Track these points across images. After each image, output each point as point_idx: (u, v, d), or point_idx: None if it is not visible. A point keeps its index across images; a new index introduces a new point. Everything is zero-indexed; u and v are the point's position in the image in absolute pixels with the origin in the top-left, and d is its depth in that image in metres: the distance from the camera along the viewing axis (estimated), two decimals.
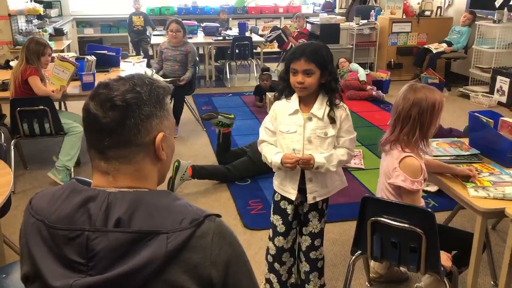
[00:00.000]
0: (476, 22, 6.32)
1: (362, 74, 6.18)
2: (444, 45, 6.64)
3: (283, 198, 2.12)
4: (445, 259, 1.92)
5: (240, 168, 3.73)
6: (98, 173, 0.97)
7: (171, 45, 4.87)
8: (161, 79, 4.16)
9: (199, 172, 3.59)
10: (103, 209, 0.90)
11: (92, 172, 0.99)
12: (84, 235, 0.89)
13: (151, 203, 0.93)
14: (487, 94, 5.92)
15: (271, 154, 2.02)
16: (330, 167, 1.97)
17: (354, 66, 6.38)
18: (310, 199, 2.05)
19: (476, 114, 2.50)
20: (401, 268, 2.31)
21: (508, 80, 5.56)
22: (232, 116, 3.95)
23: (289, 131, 2.00)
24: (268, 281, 2.26)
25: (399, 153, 1.96)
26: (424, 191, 2.67)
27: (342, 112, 2.01)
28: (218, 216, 0.96)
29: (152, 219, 0.90)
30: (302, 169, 2.01)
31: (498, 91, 5.72)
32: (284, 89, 2.06)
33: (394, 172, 1.95)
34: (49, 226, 0.92)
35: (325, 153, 1.97)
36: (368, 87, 6.14)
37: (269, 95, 5.53)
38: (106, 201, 0.91)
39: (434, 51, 6.60)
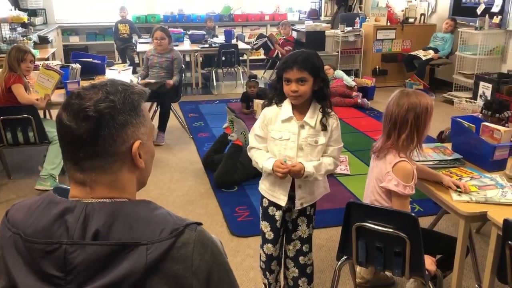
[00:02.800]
0: (458, 29, 6.43)
1: (348, 80, 6.23)
2: (431, 52, 6.71)
3: (271, 204, 2.13)
4: (430, 263, 1.94)
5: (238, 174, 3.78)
6: (75, 184, 0.95)
7: (157, 52, 4.88)
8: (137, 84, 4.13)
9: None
10: (80, 221, 0.88)
11: (69, 183, 0.97)
12: (62, 248, 0.87)
13: (130, 213, 0.90)
14: (470, 100, 6.01)
15: (263, 159, 2.03)
16: (318, 176, 2.01)
17: (339, 73, 6.44)
18: (298, 205, 2.07)
19: (458, 119, 2.54)
20: (387, 273, 2.33)
21: (490, 85, 5.65)
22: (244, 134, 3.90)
23: (282, 138, 2.01)
24: (265, 286, 2.28)
25: (393, 158, 1.98)
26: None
27: (334, 121, 2.04)
28: (199, 224, 0.94)
29: (131, 230, 0.88)
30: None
31: (481, 96, 5.81)
32: (273, 97, 2.08)
33: (387, 176, 1.97)
34: (26, 239, 0.90)
35: (314, 162, 1.99)
36: (354, 93, 6.19)
37: (257, 101, 5.56)
38: (83, 213, 0.89)
39: (424, 58, 6.65)
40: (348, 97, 6.17)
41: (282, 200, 2.07)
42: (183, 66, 5.14)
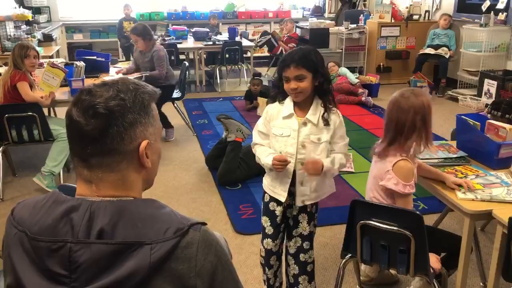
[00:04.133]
0: (463, 26, 6.40)
1: (351, 77, 6.22)
2: (446, 49, 6.65)
3: (272, 199, 2.13)
4: (434, 261, 1.94)
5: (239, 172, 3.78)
6: (81, 181, 0.95)
7: (140, 52, 4.74)
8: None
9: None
10: (85, 219, 0.88)
11: (76, 180, 0.97)
12: (67, 246, 0.87)
13: (135, 212, 0.91)
14: (475, 97, 5.98)
15: (264, 155, 2.04)
16: (335, 170, 2.03)
17: (343, 70, 6.42)
18: (298, 202, 2.07)
19: (463, 117, 2.53)
20: (392, 271, 2.33)
21: (495, 83, 5.63)
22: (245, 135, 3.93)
23: (283, 135, 2.02)
24: (264, 282, 2.29)
25: (393, 157, 1.97)
26: None
27: (337, 118, 2.04)
28: (204, 224, 0.94)
29: (135, 229, 0.88)
30: (294, 171, 2.02)
31: (485, 94, 5.78)
32: (276, 95, 2.09)
33: (387, 175, 1.96)
34: (31, 237, 0.90)
35: (329, 157, 2.01)
36: (360, 90, 6.17)
37: (260, 99, 5.55)
38: (88, 211, 0.89)
39: (447, 56, 6.57)
40: (353, 95, 6.15)
41: (282, 196, 2.07)
42: (187, 63, 5.10)
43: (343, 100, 6.06)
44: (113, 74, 4.72)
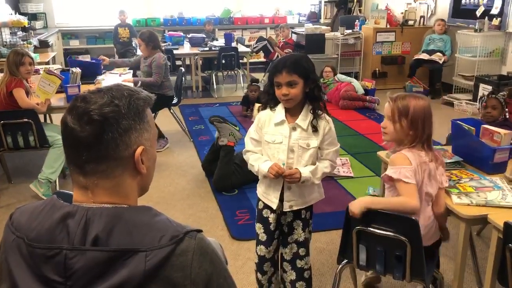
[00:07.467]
0: (458, 31, 6.44)
1: (359, 87, 6.29)
2: (440, 54, 6.68)
3: (266, 206, 2.13)
4: None
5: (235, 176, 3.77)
6: (77, 188, 0.96)
7: (143, 57, 4.89)
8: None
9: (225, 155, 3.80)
10: (81, 226, 0.89)
11: (73, 187, 0.97)
12: (62, 253, 0.88)
13: (130, 219, 0.91)
14: (470, 102, 6.01)
15: (259, 162, 2.03)
16: (315, 180, 2.01)
17: (342, 76, 6.45)
18: (286, 207, 2.06)
19: (458, 122, 2.54)
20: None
21: (490, 87, 5.65)
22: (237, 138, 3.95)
23: (275, 141, 2.02)
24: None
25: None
26: None
27: (326, 125, 2.03)
28: (199, 231, 0.94)
29: (130, 236, 0.88)
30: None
31: (481, 98, 5.81)
32: (268, 102, 2.09)
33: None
34: (28, 244, 0.91)
35: (310, 167, 2.00)
36: (367, 98, 6.23)
37: (257, 105, 5.56)
38: (84, 218, 0.89)
39: (440, 62, 6.60)
40: (360, 100, 6.19)
41: (274, 203, 2.07)
42: (183, 69, 5.10)
43: (350, 106, 6.08)
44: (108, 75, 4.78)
